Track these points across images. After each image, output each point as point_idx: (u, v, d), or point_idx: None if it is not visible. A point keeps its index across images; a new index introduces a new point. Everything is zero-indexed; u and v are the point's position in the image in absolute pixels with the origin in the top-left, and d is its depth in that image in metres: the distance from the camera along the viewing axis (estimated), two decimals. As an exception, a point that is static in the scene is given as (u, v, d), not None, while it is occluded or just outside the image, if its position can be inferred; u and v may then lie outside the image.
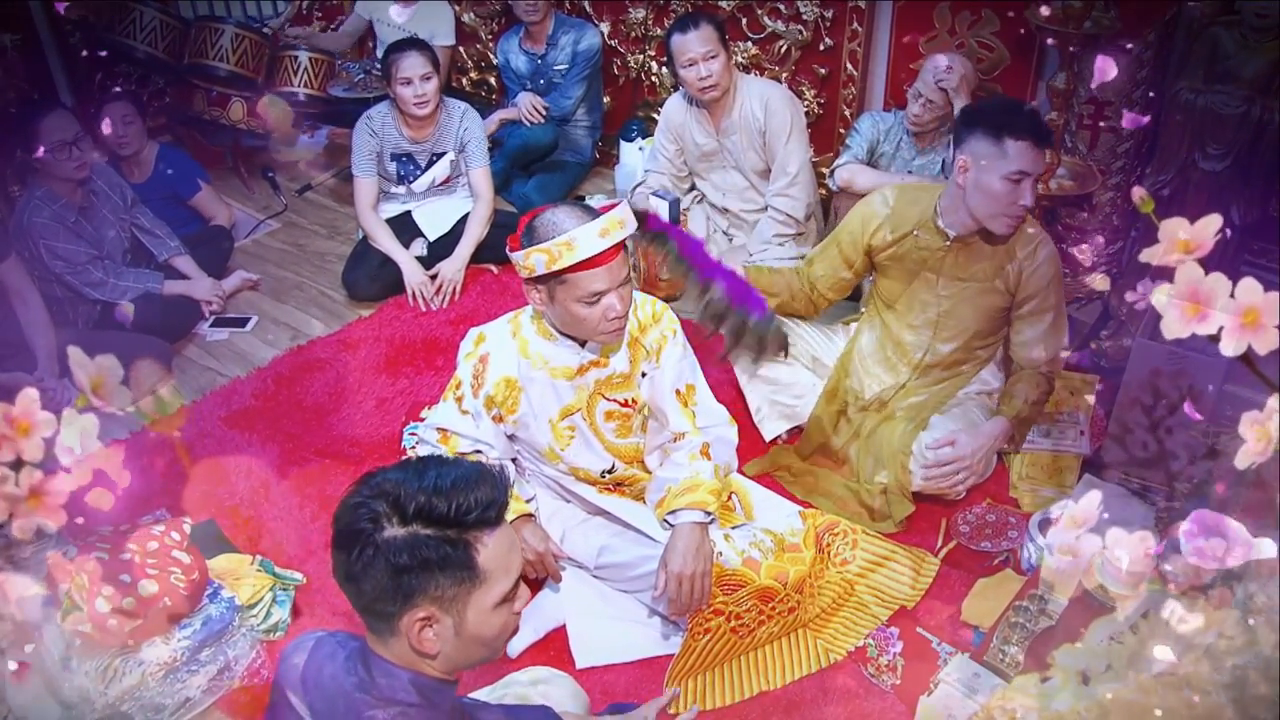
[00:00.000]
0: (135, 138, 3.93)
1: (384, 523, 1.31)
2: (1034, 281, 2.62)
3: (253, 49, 4.48)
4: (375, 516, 1.31)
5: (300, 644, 1.49)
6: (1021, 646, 2.26)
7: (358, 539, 1.31)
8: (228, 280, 3.88)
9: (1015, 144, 2.42)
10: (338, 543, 1.35)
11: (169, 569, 2.26)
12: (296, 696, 1.42)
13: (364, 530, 1.31)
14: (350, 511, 1.33)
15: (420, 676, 1.38)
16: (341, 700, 1.37)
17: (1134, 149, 3.18)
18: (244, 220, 4.41)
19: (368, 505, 1.32)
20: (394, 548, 1.30)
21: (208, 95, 4.54)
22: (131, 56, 4.44)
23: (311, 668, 1.43)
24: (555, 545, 2.45)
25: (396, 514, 1.31)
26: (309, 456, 3.04)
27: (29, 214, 3.34)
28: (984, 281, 2.67)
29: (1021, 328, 2.70)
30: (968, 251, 2.66)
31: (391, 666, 1.38)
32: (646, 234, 2.59)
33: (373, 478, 1.37)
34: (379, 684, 1.37)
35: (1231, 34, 2.77)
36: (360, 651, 1.42)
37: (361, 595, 1.34)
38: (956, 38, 3.45)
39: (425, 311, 3.72)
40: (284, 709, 1.44)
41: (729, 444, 2.75)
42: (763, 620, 2.34)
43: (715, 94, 3.45)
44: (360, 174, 3.82)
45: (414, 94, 3.64)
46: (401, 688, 1.37)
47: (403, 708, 1.35)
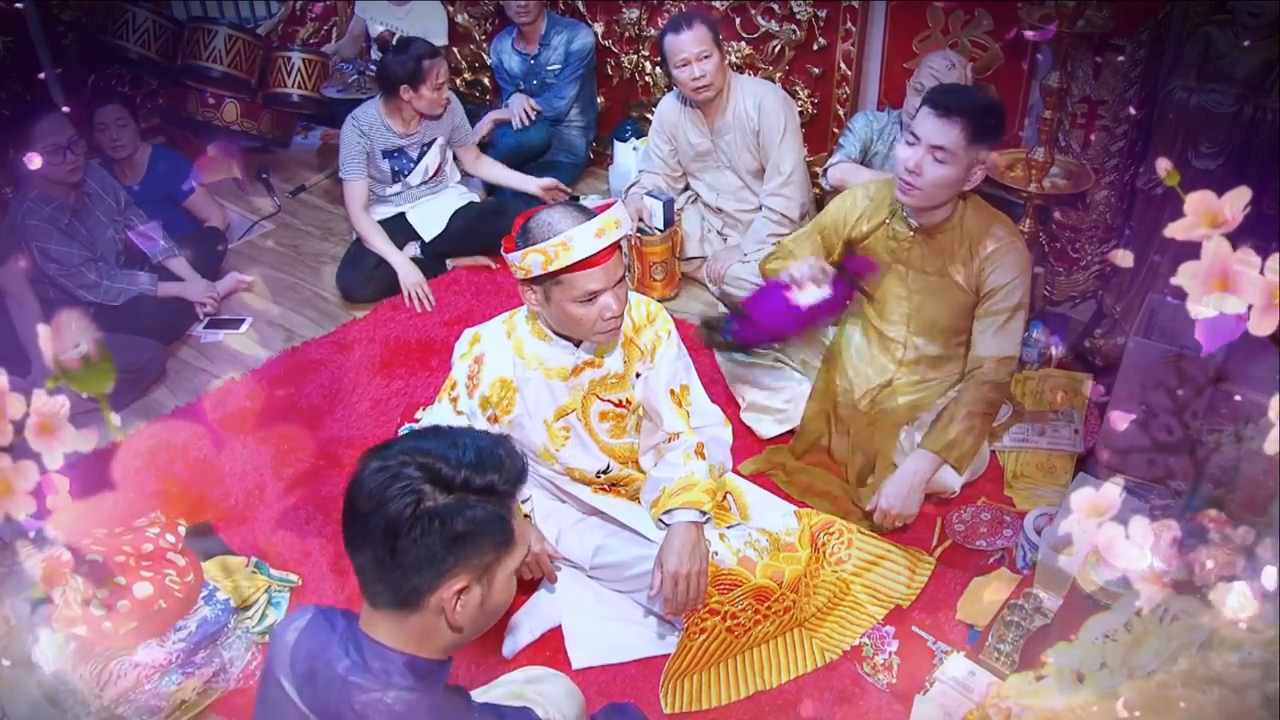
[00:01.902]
0: (129, 140, 3.92)
1: (428, 493, 1.28)
2: (993, 279, 2.62)
3: (246, 50, 4.48)
4: (417, 488, 1.28)
5: (293, 621, 1.46)
6: (1016, 645, 2.26)
7: (404, 511, 1.27)
8: (222, 282, 3.87)
9: (921, 109, 2.50)
10: (376, 520, 1.29)
11: (164, 571, 2.25)
12: (285, 679, 1.39)
13: (409, 503, 1.27)
14: (385, 486, 1.29)
15: (416, 659, 1.36)
16: (334, 685, 1.34)
17: (1127, 148, 3.19)
18: (238, 222, 4.41)
19: (405, 477, 1.29)
20: (447, 515, 1.28)
21: (201, 97, 4.54)
22: (124, 58, 4.43)
23: (301, 650, 1.40)
24: (551, 545, 2.45)
25: (439, 484, 1.29)
26: (304, 458, 3.03)
27: (22, 216, 3.33)
28: (947, 276, 2.69)
29: (976, 324, 2.70)
30: (932, 244, 2.68)
31: (385, 649, 1.35)
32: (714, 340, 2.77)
33: (389, 451, 1.33)
34: (373, 668, 1.34)
35: (1224, 33, 2.77)
36: (350, 633, 1.38)
37: (396, 571, 1.30)
38: (950, 37, 3.45)
39: (420, 313, 3.72)
40: (274, 689, 1.41)
41: (723, 444, 2.75)
42: (758, 620, 2.34)
43: (709, 94, 3.45)
44: (351, 176, 3.81)
45: (440, 97, 3.74)
46: (397, 671, 1.34)
47: (399, 691, 1.33)
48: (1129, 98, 3.09)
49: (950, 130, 2.43)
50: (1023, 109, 3.41)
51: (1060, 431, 2.90)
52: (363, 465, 1.34)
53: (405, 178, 3.89)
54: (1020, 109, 3.41)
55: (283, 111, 4.75)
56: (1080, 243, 3.36)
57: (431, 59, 3.67)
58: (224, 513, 2.84)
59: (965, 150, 2.45)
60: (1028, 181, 3.03)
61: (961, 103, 2.46)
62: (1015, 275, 2.61)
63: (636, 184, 3.87)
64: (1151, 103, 3.07)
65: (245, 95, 4.58)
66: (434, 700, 1.37)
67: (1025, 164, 3.05)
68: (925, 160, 2.47)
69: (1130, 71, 3.06)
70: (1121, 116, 3.12)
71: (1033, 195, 3.04)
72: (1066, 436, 2.88)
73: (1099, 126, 3.17)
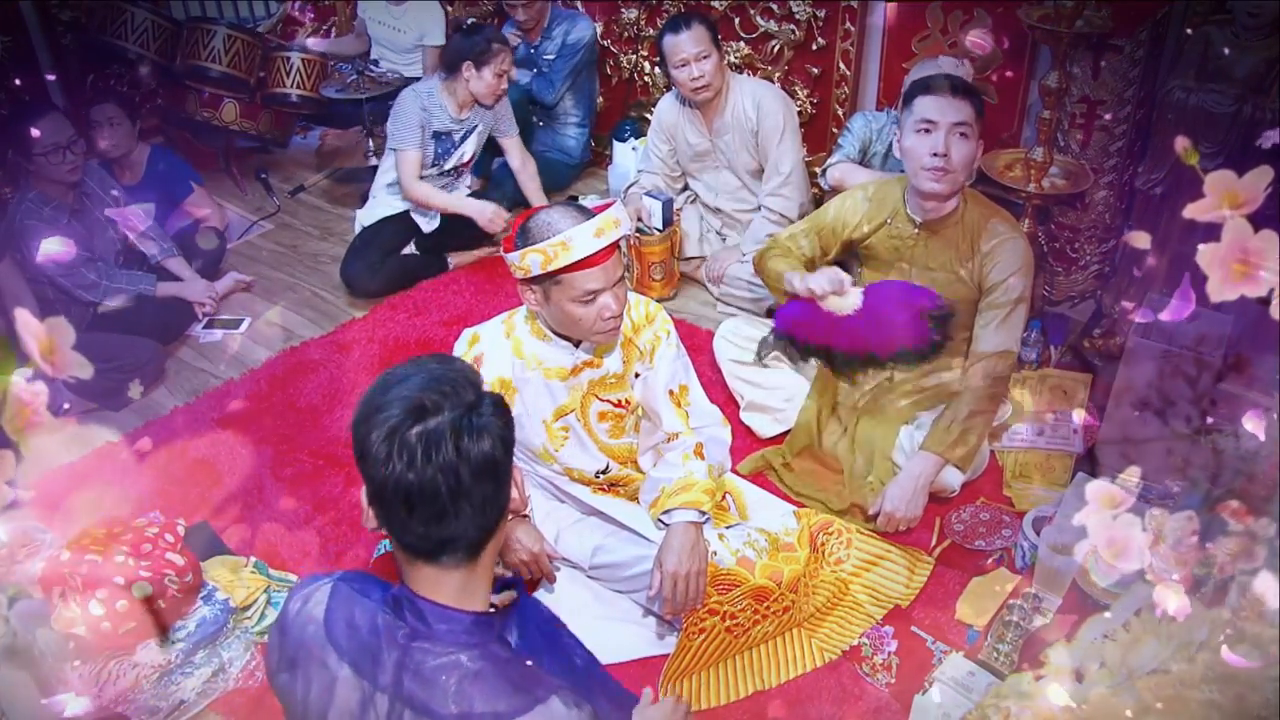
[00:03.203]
0: (123, 139, 3.92)
1: (462, 427, 1.24)
2: (994, 273, 2.64)
3: (245, 50, 4.48)
4: (482, 414, 1.26)
5: (308, 595, 1.39)
6: (1016, 645, 2.26)
7: (495, 437, 1.26)
8: (220, 282, 3.87)
9: (921, 99, 2.57)
10: (431, 478, 1.23)
11: (163, 571, 2.25)
12: (331, 657, 1.31)
13: (492, 427, 1.26)
14: (452, 436, 1.23)
15: (477, 615, 1.32)
16: (394, 654, 1.28)
17: (1126, 148, 3.19)
18: (237, 221, 4.40)
19: (457, 419, 1.24)
20: (504, 421, 1.29)
21: (200, 96, 4.54)
22: (123, 58, 4.43)
23: (338, 624, 1.33)
24: (550, 546, 2.45)
25: (470, 406, 1.26)
26: (303, 458, 3.03)
27: (21, 216, 3.33)
28: (950, 271, 2.69)
29: (978, 318, 2.71)
30: (935, 240, 2.68)
31: (446, 610, 1.30)
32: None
33: (384, 413, 1.26)
34: (438, 631, 1.29)
35: (1223, 33, 2.77)
36: (399, 598, 1.33)
37: (493, 508, 1.29)
38: (949, 37, 3.46)
39: (419, 313, 3.72)
40: (315, 670, 1.33)
41: (722, 444, 2.76)
42: (757, 620, 2.34)
43: (708, 94, 3.45)
44: (406, 145, 3.76)
45: (499, 85, 3.77)
46: (463, 629, 1.29)
47: (472, 650, 1.28)
48: (1128, 98, 3.09)
49: (966, 106, 2.54)
50: (1022, 109, 3.41)
51: (1060, 431, 2.90)
52: (395, 439, 1.25)
53: (442, 163, 3.90)
54: (1019, 109, 3.41)
55: (281, 111, 4.76)
56: (1079, 242, 3.36)
57: (501, 44, 3.71)
58: (223, 513, 2.84)
59: (976, 124, 2.55)
60: (1027, 181, 3.04)
61: (958, 82, 2.60)
62: (1016, 269, 2.62)
63: (635, 184, 3.87)
64: (1150, 103, 3.07)
65: (244, 95, 4.58)
66: (500, 655, 1.31)
67: (1024, 164, 3.05)
68: (952, 140, 2.53)
69: (1129, 71, 3.06)
70: (1120, 116, 3.12)
71: (1032, 195, 3.05)
72: (1066, 436, 2.88)
73: (1098, 126, 3.17)
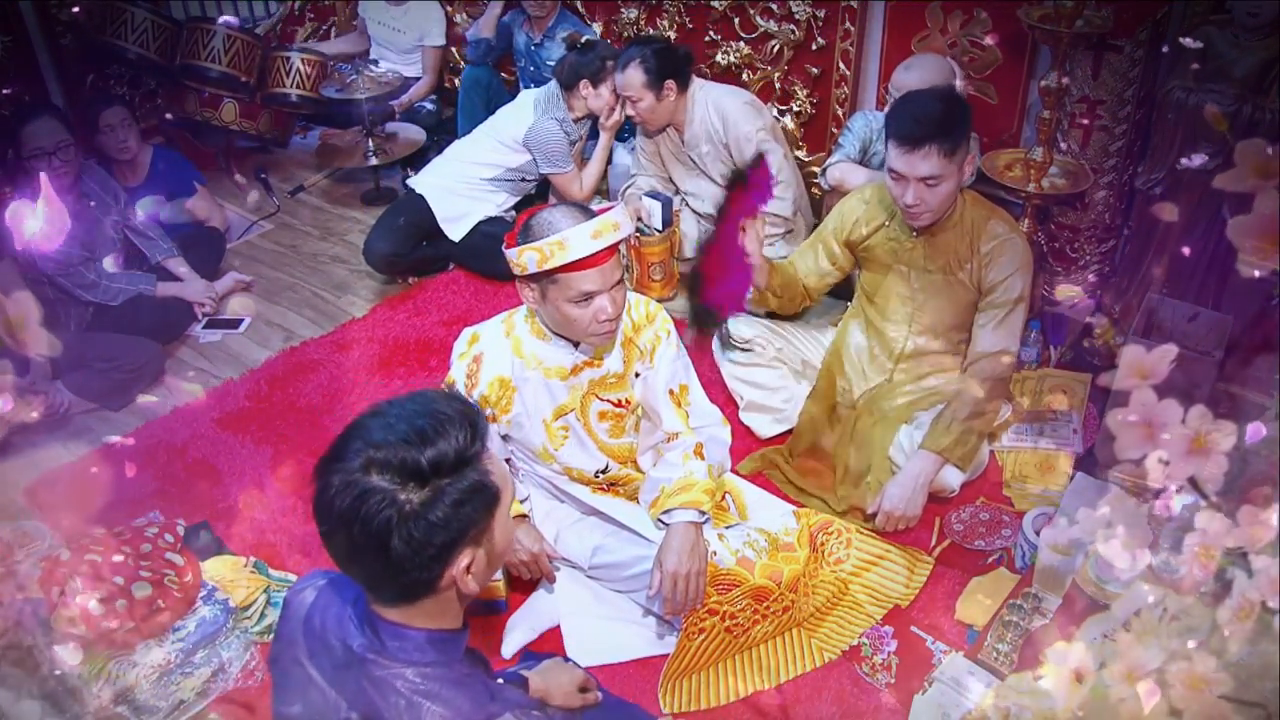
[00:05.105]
0: (134, 142, 3.92)
1: (403, 499, 1.21)
2: (992, 274, 2.64)
3: (244, 50, 4.48)
4: (392, 498, 1.20)
5: (306, 587, 1.43)
6: (1015, 645, 2.26)
7: (387, 524, 1.20)
8: (220, 282, 3.87)
9: (891, 145, 2.52)
10: (361, 538, 1.21)
11: (163, 571, 2.25)
12: (302, 653, 1.35)
13: (388, 516, 1.20)
14: (357, 505, 1.20)
15: (433, 633, 1.32)
16: (350, 659, 1.31)
17: (1126, 148, 3.18)
18: (236, 221, 4.40)
19: (375, 489, 1.20)
20: (432, 509, 1.22)
21: (199, 96, 4.54)
22: (123, 58, 4.43)
23: (314, 622, 1.36)
24: (549, 546, 2.45)
25: (409, 481, 1.21)
26: (303, 458, 3.03)
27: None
28: (950, 274, 2.70)
29: (977, 318, 2.72)
30: (934, 244, 2.69)
31: (400, 628, 1.31)
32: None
33: (343, 462, 1.23)
34: (389, 647, 1.30)
35: (1223, 33, 2.77)
36: (363, 610, 1.34)
37: (396, 575, 1.24)
38: (948, 37, 3.45)
39: (419, 312, 3.71)
40: (290, 662, 1.37)
41: (722, 444, 2.75)
42: (757, 620, 2.34)
43: (652, 129, 3.63)
44: (570, 168, 3.88)
45: (614, 100, 3.79)
46: (415, 647, 1.30)
47: (419, 667, 1.29)
48: (1128, 98, 3.09)
49: (929, 158, 2.46)
50: (1021, 109, 3.41)
51: (1059, 431, 2.90)
52: (323, 484, 1.24)
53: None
54: (1019, 109, 3.41)
55: (281, 111, 4.76)
56: (1079, 243, 3.36)
57: (615, 61, 3.74)
58: (223, 513, 2.84)
59: (949, 164, 2.48)
60: (1026, 181, 3.03)
61: (925, 128, 2.44)
62: (1015, 269, 2.62)
63: (632, 184, 3.87)
64: (1150, 103, 3.07)
65: (244, 95, 4.58)
66: (454, 673, 1.33)
67: (1024, 164, 3.05)
68: (920, 190, 2.50)
69: (1129, 71, 3.06)
70: (1120, 116, 3.12)
71: (1031, 195, 3.05)
72: (1066, 436, 2.88)
73: (1098, 126, 3.16)
